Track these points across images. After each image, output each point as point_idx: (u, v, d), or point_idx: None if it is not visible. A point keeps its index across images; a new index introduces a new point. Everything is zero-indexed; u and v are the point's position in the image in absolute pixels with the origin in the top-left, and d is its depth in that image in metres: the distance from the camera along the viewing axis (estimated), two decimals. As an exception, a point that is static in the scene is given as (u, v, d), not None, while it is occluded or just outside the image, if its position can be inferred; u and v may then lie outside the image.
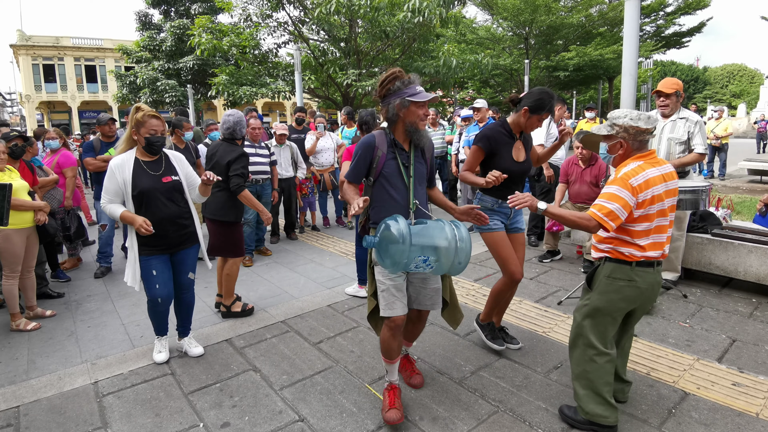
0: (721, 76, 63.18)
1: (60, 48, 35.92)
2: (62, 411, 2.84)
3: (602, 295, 2.45)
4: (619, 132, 2.42)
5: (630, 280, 2.39)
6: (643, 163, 2.36)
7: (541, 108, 3.00)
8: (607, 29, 24.27)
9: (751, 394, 2.76)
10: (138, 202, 3.11)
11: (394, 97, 2.45)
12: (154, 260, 3.19)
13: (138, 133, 3.12)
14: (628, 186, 2.29)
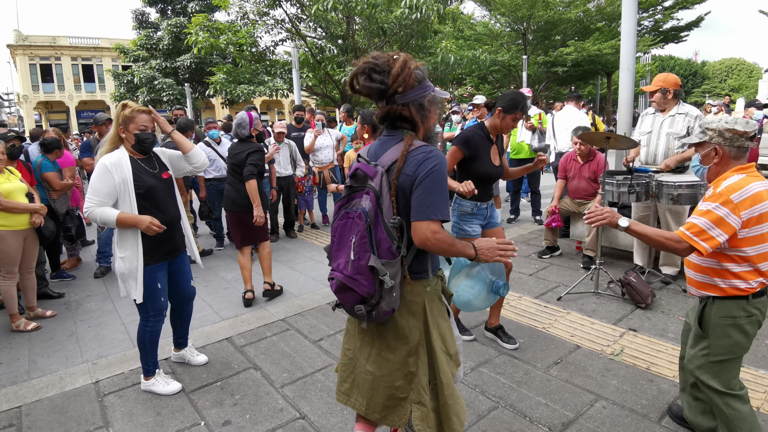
0: (720, 71, 63.13)
1: (57, 48, 35.80)
2: (64, 411, 2.84)
3: (723, 339, 2.12)
4: (713, 137, 2.13)
5: (750, 315, 2.09)
6: (746, 176, 2.05)
7: (514, 107, 3.06)
8: (605, 24, 24.23)
9: (752, 388, 2.76)
10: (143, 200, 2.81)
11: (420, 91, 1.75)
12: (159, 270, 2.91)
13: (126, 131, 2.83)
14: (729, 203, 1.99)
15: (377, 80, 1.69)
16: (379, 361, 1.88)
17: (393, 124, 1.81)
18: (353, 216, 1.71)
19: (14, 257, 3.93)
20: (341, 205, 1.79)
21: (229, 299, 4.56)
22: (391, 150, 1.77)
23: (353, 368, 1.97)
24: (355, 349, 1.96)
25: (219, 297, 4.63)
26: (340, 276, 1.72)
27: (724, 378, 2.15)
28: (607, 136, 4.08)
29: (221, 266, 5.61)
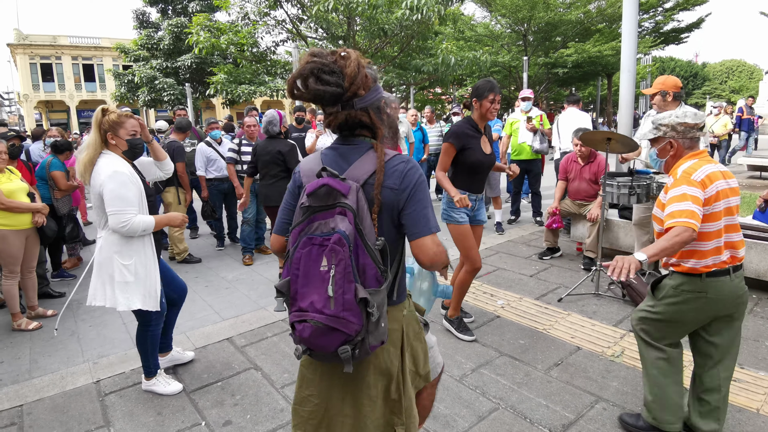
0: (720, 72, 63.14)
1: (57, 47, 35.83)
2: (65, 410, 2.85)
3: (669, 306, 2.29)
4: (666, 132, 2.31)
5: (700, 291, 2.21)
6: (698, 160, 2.24)
7: (484, 91, 3.26)
8: (606, 26, 24.25)
9: (752, 390, 2.77)
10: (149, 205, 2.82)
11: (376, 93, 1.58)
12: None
13: (116, 136, 2.74)
14: (692, 182, 2.14)
15: (332, 82, 1.46)
16: (361, 400, 1.62)
17: (351, 132, 1.60)
18: (326, 242, 1.41)
19: (17, 256, 3.93)
20: (300, 230, 1.46)
21: (230, 300, 4.57)
22: (361, 162, 1.55)
23: (322, 417, 1.65)
24: (322, 395, 1.65)
25: (220, 297, 4.64)
26: (320, 317, 1.40)
27: (654, 334, 2.36)
28: (607, 138, 4.09)
29: (222, 267, 5.62)
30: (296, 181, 1.66)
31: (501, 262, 5.29)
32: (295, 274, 1.44)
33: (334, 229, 1.42)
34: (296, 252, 1.45)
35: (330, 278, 1.40)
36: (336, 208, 1.44)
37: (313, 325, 1.41)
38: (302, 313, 1.43)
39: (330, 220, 1.44)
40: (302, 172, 1.64)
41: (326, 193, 1.46)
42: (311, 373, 1.67)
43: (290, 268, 1.46)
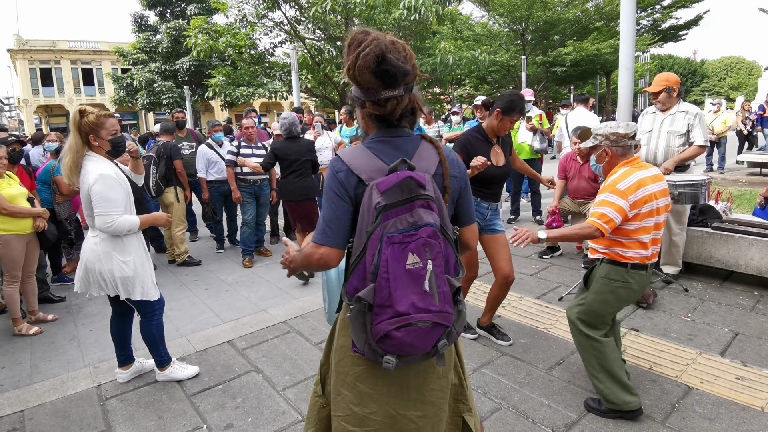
0: (719, 69, 63.14)
1: (56, 51, 35.84)
2: (66, 415, 2.84)
3: (597, 295, 2.57)
4: (602, 141, 2.62)
5: (625, 281, 2.53)
6: (629, 168, 2.55)
7: (512, 109, 3.07)
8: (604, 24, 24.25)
9: (756, 387, 2.76)
10: (137, 205, 2.95)
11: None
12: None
13: (98, 137, 2.75)
14: (616, 191, 2.46)
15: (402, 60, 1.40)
16: (431, 395, 1.56)
17: (399, 122, 1.52)
18: (410, 238, 1.34)
19: (18, 261, 3.93)
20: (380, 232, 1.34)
21: (230, 302, 4.56)
22: (421, 152, 1.52)
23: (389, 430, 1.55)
24: (385, 408, 1.53)
25: (220, 300, 4.63)
26: (428, 316, 1.34)
27: (591, 324, 2.60)
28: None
29: (222, 269, 5.61)
30: (348, 181, 1.46)
31: (502, 262, 5.28)
32: (385, 278, 1.33)
33: (417, 224, 1.35)
34: (381, 255, 1.34)
35: (427, 273, 1.35)
36: (416, 201, 1.37)
37: (420, 326, 1.34)
38: (403, 317, 1.33)
39: (407, 215, 1.36)
40: (357, 169, 1.45)
41: (406, 186, 1.38)
42: (372, 387, 1.53)
43: (370, 274, 1.35)
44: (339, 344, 1.61)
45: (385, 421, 1.53)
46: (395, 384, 1.54)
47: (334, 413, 1.62)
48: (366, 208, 1.38)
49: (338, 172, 1.47)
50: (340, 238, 1.46)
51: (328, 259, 1.47)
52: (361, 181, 1.44)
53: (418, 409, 1.55)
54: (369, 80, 1.41)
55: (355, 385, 1.55)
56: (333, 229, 1.46)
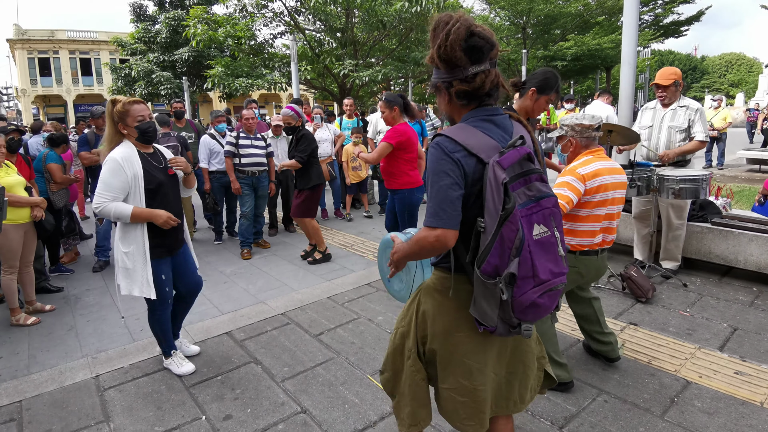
0: (720, 66, 63.04)
1: (55, 41, 35.63)
2: (64, 405, 2.83)
3: None
4: (567, 131, 2.77)
5: (572, 266, 2.65)
6: (592, 157, 2.72)
7: (549, 87, 2.76)
8: (605, 18, 24.19)
9: (755, 383, 2.76)
10: (152, 196, 2.83)
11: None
12: (163, 265, 2.96)
13: (126, 126, 2.79)
14: (576, 174, 2.62)
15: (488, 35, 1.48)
16: (518, 355, 1.73)
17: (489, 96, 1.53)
18: (535, 209, 1.43)
19: (16, 251, 3.91)
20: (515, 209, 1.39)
21: (229, 294, 4.55)
22: (516, 129, 1.59)
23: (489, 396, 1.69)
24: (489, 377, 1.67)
25: (218, 291, 4.62)
26: (562, 278, 1.49)
27: None
28: (609, 130, 4.06)
29: (220, 261, 5.60)
30: (467, 162, 1.45)
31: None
32: (528, 250, 1.40)
33: (536, 196, 1.44)
34: (524, 230, 1.39)
35: (557, 240, 1.47)
36: (532, 175, 1.45)
37: (558, 289, 1.48)
38: (546, 284, 1.43)
39: (524, 188, 1.43)
40: (474, 148, 1.45)
41: (522, 162, 1.44)
42: (480, 362, 1.64)
43: (513, 248, 1.38)
44: (438, 329, 1.67)
45: (488, 388, 1.68)
46: (497, 352, 1.68)
47: (442, 385, 1.72)
48: (494, 186, 1.39)
49: (454, 152, 1.45)
50: (457, 219, 1.45)
51: (445, 241, 1.46)
52: (480, 160, 1.45)
53: (509, 367, 1.73)
54: (459, 56, 1.44)
55: (463, 362, 1.65)
56: (447, 211, 1.44)
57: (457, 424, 1.71)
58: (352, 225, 7.12)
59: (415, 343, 1.77)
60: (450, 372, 1.67)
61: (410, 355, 1.78)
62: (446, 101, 1.57)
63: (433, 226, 1.45)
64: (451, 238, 1.46)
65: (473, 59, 1.45)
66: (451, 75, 1.48)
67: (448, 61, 1.47)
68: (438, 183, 1.44)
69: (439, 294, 1.66)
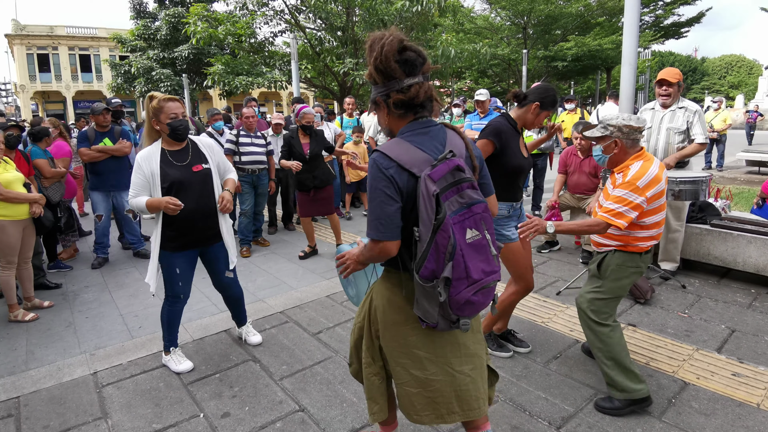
0: (720, 67, 63.10)
1: (54, 37, 35.54)
2: (62, 401, 2.83)
3: (615, 282, 2.61)
4: (613, 132, 2.56)
5: (638, 267, 2.62)
6: (643, 162, 2.52)
7: (551, 104, 2.87)
8: (606, 19, 24.18)
9: (752, 384, 2.77)
10: (167, 194, 2.88)
11: None
12: (178, 258, 3.00)
13: (159, 122, 2.89)
14: (637, 189, 2.45)
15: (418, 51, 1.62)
16: (473, 348, 1.81)
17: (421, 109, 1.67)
18: (467, 215, 1.55)
19: (14, 247, 3.90)
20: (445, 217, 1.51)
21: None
22: (451, 139, 1.69)
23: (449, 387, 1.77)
24: (443, 369, 1.76)
25: (217, 289, 4.61)
26: (495, 276, 1.62)
27: (603, 312, 2.63)
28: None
29: (220, 258, 5.59)
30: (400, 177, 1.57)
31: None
32: (460, 254, 1.52)
33: (468, 203, 1.56)
34: (455, 236, 1.51)
35: (488, 242, 1.61)
36: (463, 184, 1.57)
37: (491, 286, 1.63)
38: (478, 282, 1.57)
39: (456, 197, 1.55)
40: (407, 164, 1.57)
41: (453, 173, 1.56)
42: (429, 351, 1.75)
43: (446, 253, 1.51)
44: (388, 322, 1.79)
45: (445, 380, 1.76)
46: (448, 344, 1.76)
47: (397, 383, 1.83)
48: (425, 198, 1.52)
49: (387, 169, 1.57)
50: (396, 231, 1.59)
51: (388, 251, 1.61)
52: (412, 174, 1.57)
53: (469, 363, 1.79)
54: (394, 68, 1.57)
55: (412, 353, 1.76)
56: (386, 225, 1.58)
57: (414, 417, 1.80)
58: (352, 224, 7.12)
59: (369, 338, 1.91)
60: (401, 366, 1.78)
61: (365, 348, 1.93)
62: (385, 114, 1.68)
63: (376, 239, 1.59)
64: (393, 248, 1.61)
65: (407, 71, 1.59)
66: (388, 87, 1.61)
67: (384, 73, 1.59)
68: (375, 199, 1.58)
69: (388, 290, 1.77)
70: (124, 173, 5.53)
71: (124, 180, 5.54)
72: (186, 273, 3.08)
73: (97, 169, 5.34)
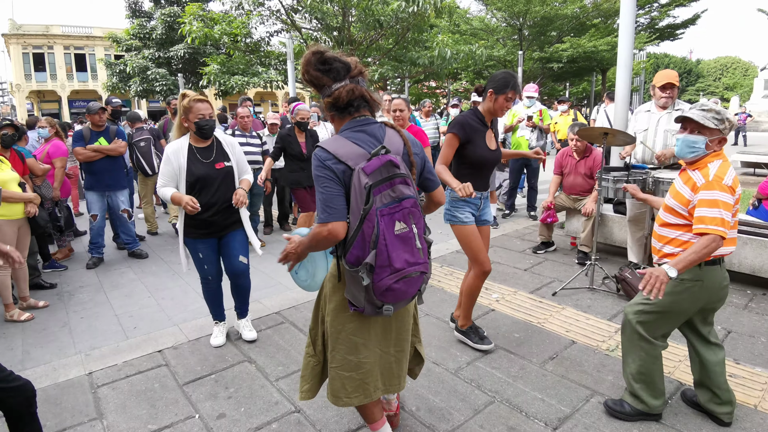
0: (714, 69, 63.40)
1: (50, 36, 35.37)
2: (57, 401, 2.82)
3: (668, 296, 2.29)
4: (725, 128, 2.24)
5: (698, 280, 2.27)
6: (724, 161, 2.25)
7: (504, 86, 2.96)
8: (602, 21, 24.25)
9: (748, 385, 2.78)
10: (192, 188, 3.15)
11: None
12: (199, 244, 3.28)
13: (187, 120, 3.15)
14: (725, 188, 2.16)
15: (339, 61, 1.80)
16: (402, 334, 2.04)
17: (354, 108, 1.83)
18: (397, 209, 1.71)
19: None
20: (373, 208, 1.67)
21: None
22: (389, 137, 1.86)
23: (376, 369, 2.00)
24: (374, 351, 1.97)
25: (213, 289, 4.59)
26: (418, 267, 1.77)
27: (649, 328, 2.40)
28: (604, 132, 4.07)
29: (215, 258, 5.57)
30: (337, 168, 1.72)
31: (495, 256, 5.28)
32: (383, 244, 1.68)
33: (399, 197, 1.71)
34: (380, 226, 1.67)
35: (415, 235, 1.75)
36: (395, 179, 1.71)
37: (414, 276, 1.76)
38: (400, 272, 1.72)
39: (389, 191, 1.69)
40: (343, 157, 1.72)
41: (386, 168, 1.69)
42: (364, 337, 1.94)
43: (370, 242, 1.68)
44: (331, 307, 1.95)
45: (374, 361, 1.97)
46: (381, 330, 1.97)
47: (331, 365, 1.99)
48: (357, 189, 1.67)
49: (326, 161, 1.73)
50: (342, 212, 1.73)
51: (336, 232, 1.72)
52: (348, 166, 1.72)
53: (396, 346, 2.03)
54: (318, 76, 1.78)
55: (350, 339, 1.93)
56: (333, 207, 1.71)
57: (345, 400, 1.97)
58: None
59: (316, 321, 2.11)
60: (338, 350, 1.96)
61: (310, 331, 2.15)
62: (330, 117, 1.87)
63: (324, 221, 1.72)
64: (340, 230, 1.73)
65: (333, 77, 1.77)
66: (322, 93, 1.81)
67: (313, 83, 1.81)
68: (320, 186, 1.74)
69: (334, 278, 1.94)
70: (119, 173, 5.51)
71: (119, 180, 5.52)
72: (210, 257, 3.34)
73: (93, 168, 5.31)
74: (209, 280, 3.42)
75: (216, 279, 3.44)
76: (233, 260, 3.39)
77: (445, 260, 5.24)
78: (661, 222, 2.41)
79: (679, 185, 2.33)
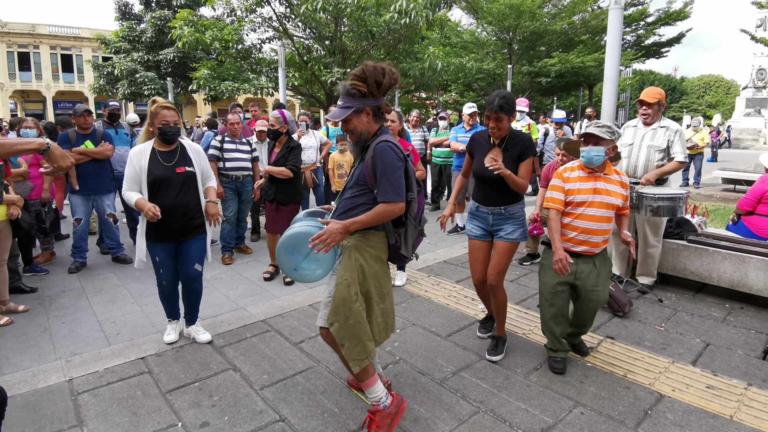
0: (698, 87, 64.73)
1: (36, 36, 34.99)
2: (37, 408, 2.77)
3: None
4: (615, 138, 2.90)
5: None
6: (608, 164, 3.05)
7: (485, 106, 3.23)
8: (589, 37, 24.70)
9: (725, 396, 2.83)
10: (151, 189, 3.24)
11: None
12: (157, 248, 3.37)
13: (152, 125, 3.27)
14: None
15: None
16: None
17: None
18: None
19: (-12, 249, 3.82)
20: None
21: (208, 299, 4.49)
22: None
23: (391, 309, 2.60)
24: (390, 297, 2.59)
25: (198, 296, 4.56)
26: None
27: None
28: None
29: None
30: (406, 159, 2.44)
31: (482, 267, 5.31)
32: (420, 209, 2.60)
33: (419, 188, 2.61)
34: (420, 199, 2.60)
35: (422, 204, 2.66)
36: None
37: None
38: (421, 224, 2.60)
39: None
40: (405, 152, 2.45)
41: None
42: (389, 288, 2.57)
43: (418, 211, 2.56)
44: (372, 272, 2.42)
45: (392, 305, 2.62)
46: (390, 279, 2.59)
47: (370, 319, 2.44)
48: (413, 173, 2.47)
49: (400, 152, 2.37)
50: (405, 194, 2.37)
51: (402, 209, 2.35)
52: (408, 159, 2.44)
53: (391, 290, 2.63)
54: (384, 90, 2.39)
55: (382, 292, 2.49)
56: (403, 190, 2.33)
57: (378, 341, 2.47)
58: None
59: (357, 289, 2.36)
60: (377, 304, 2.46)
61: (357, 298, 2.35)
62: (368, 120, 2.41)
63: (396, 201, 2.30)
64: (404, 207, 2.37)
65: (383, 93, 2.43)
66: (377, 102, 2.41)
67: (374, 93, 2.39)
68: (395, 173, 2.30)
69: (370, 247, 2.41)
70: (105, 177, 5.46)
71: (105, 183, 5.47)
72: (165, 261, 3.42)
73: (78, 171, 5.25)
74: (162, 285, 3.52)
75: (168, 286, 3.53)
76: (188, 267, 3.47)
77: (432, 270, 5.26)
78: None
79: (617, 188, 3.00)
